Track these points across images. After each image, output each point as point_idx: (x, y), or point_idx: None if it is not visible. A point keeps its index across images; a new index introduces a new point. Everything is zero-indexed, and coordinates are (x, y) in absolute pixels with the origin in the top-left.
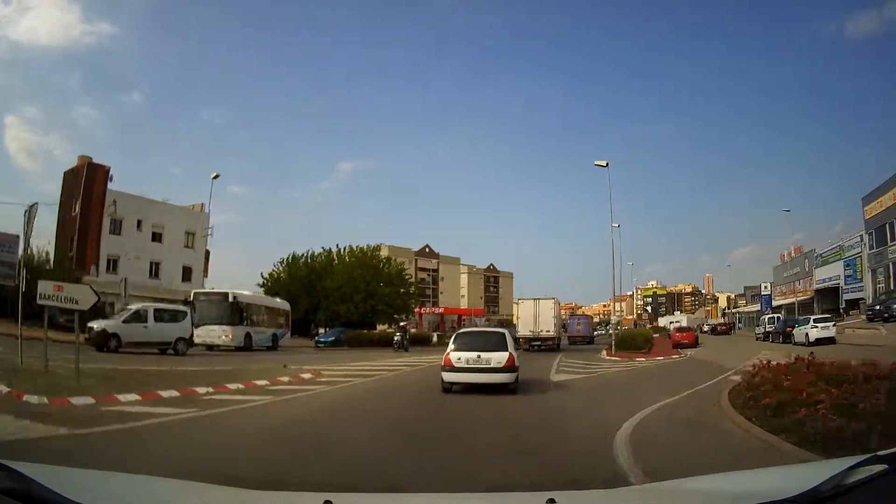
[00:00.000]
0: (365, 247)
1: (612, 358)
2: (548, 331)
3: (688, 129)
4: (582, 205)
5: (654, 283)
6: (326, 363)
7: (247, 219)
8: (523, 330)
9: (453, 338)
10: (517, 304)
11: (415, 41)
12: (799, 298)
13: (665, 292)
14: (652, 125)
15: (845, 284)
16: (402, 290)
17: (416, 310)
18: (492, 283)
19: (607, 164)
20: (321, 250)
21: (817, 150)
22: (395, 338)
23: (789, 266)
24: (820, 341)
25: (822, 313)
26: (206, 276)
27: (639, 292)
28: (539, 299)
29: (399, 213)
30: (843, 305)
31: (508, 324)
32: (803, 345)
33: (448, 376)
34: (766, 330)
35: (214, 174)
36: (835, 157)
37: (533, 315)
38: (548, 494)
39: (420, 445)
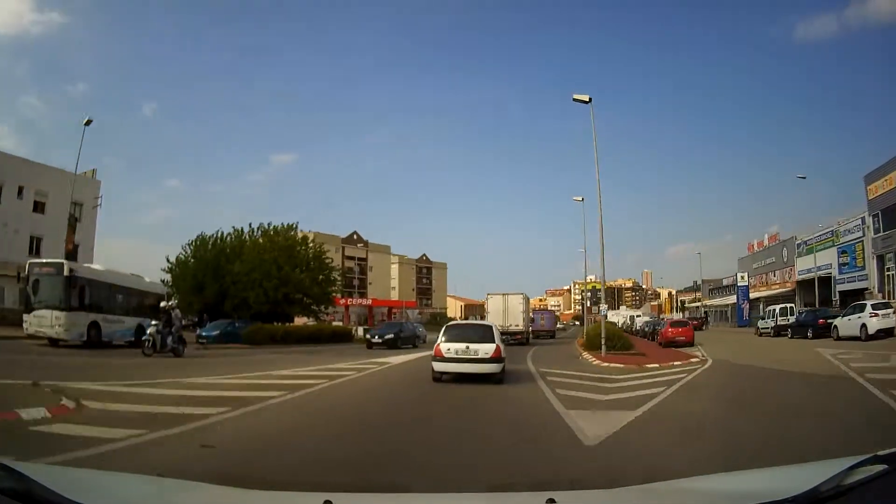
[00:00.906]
0: (279, 226)
1: (612, 364)
2: (517, 325)
3: (623, 128)
4: (516, 200)
5: (592, 277)
6: (155, 373)
7: (181, 212)
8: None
9: (443, 330)
10: (487, 298)
11: (348, 36)
12: (774, 291)
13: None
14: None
15: (839, 274)
16: (320, 277)
17: (342, 301)
18: (424, 273)
19: (590, 99)
20: (232, 230)
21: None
22: (149, 330)
23: (763, 256)
24: (880, 333)
25: (804, 306)
26: (69, 249)
27: (576, 286)
28: (508, 294)
29: (329, 200)
30: (836, 297)
31: (442, 317)
32: (857, 339)
33: (438, 366)
34: (778, 323)
35: (86, 119)
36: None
37: (502, 309)
38: (547, 494)
39: None
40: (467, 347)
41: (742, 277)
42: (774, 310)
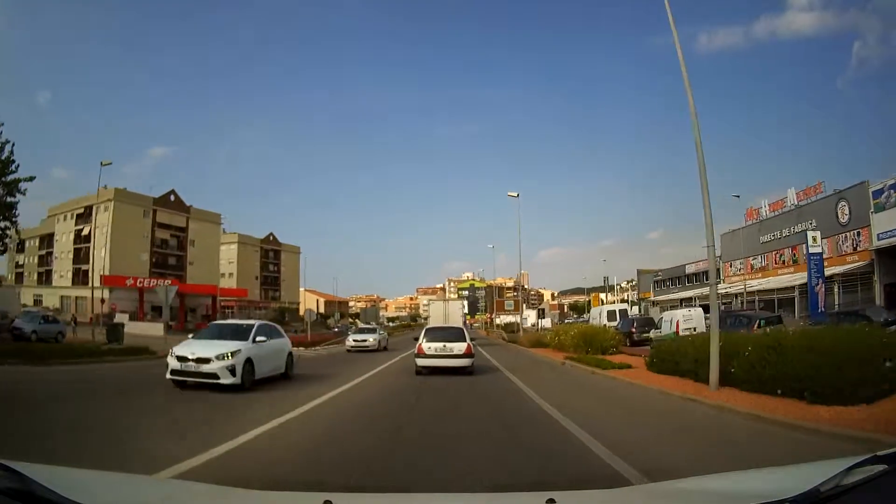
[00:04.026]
0: None
1: None
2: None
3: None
4: (388, 192)
5: (469, 275)
6: None
7: None
8: None
9: (423, 332)
10: (428, 305)
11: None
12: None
13: (485, 285)
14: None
15: None
16: None
17: (130, 282)
18: (271, 258)
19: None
20: None
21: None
22: None
23: (787, 222)
24: None
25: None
26: None
27: (452, 285)
28: (448, 300)
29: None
30: None
31: (291, 315)
32: None
33: (420, 361)
34: None
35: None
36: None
37: (443, 314)
38: (547, 494)
39: None
40: (444, 346)
41: (814, 239)
42: None
